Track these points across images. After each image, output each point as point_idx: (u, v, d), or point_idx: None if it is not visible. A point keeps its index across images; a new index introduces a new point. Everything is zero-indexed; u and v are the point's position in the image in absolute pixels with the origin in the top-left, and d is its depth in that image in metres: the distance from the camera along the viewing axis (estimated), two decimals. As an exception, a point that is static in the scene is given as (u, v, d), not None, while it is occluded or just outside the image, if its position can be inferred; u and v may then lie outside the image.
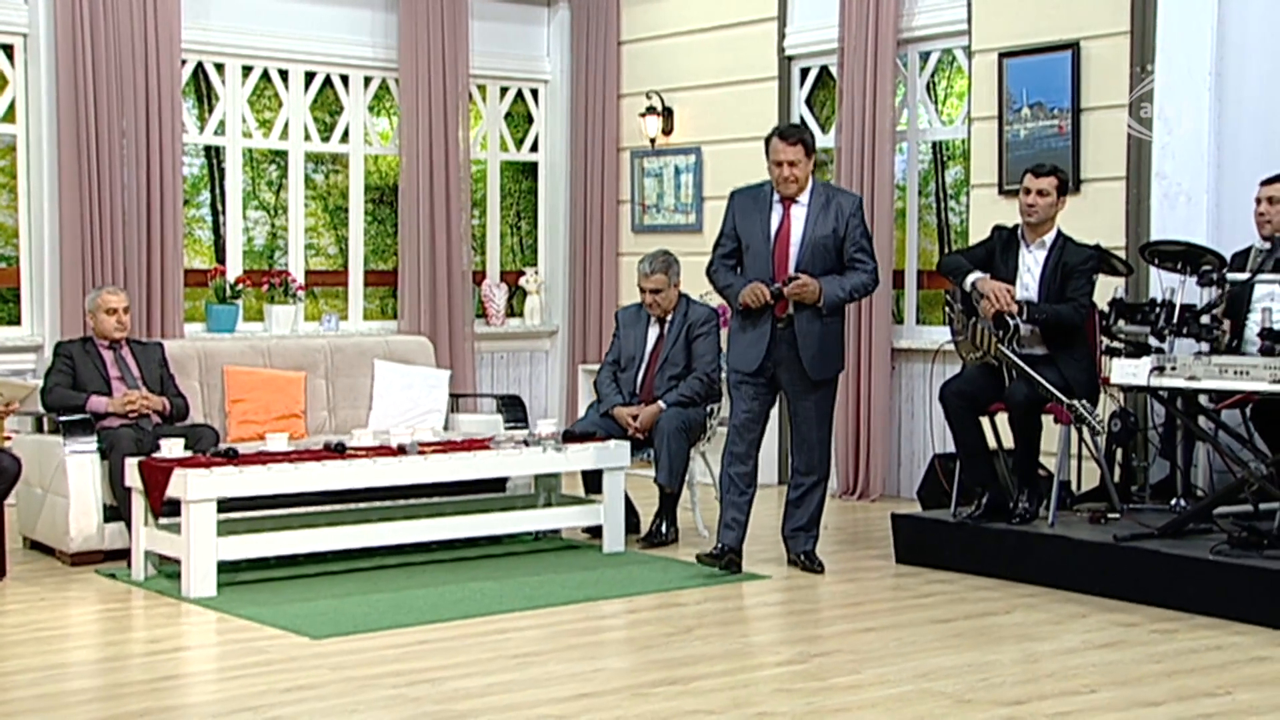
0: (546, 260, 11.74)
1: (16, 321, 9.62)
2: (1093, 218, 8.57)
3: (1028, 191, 7.36)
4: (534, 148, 11.69)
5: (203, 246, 12.49)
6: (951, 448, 7.68)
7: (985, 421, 7.53)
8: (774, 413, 9.91)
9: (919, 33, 9.58)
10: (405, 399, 8.96)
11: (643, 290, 8.27)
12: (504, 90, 11.49)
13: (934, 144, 11.33)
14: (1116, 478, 7.86)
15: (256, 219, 12.81)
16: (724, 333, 8.22)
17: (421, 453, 7.47)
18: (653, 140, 10.99)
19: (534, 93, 11.63)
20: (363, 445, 7.55)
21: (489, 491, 8.33)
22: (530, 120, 11.67)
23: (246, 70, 10.35)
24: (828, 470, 7.42)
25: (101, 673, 5.64)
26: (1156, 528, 6.98)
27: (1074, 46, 8.75)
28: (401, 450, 7.45)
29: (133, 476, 7.15)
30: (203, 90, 11.51)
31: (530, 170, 11.95)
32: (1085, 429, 7.13)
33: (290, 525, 7.39)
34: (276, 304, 10.33)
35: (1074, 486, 8.03)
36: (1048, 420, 7.45)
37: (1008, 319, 7.22)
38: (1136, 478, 8.02)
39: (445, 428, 9.06)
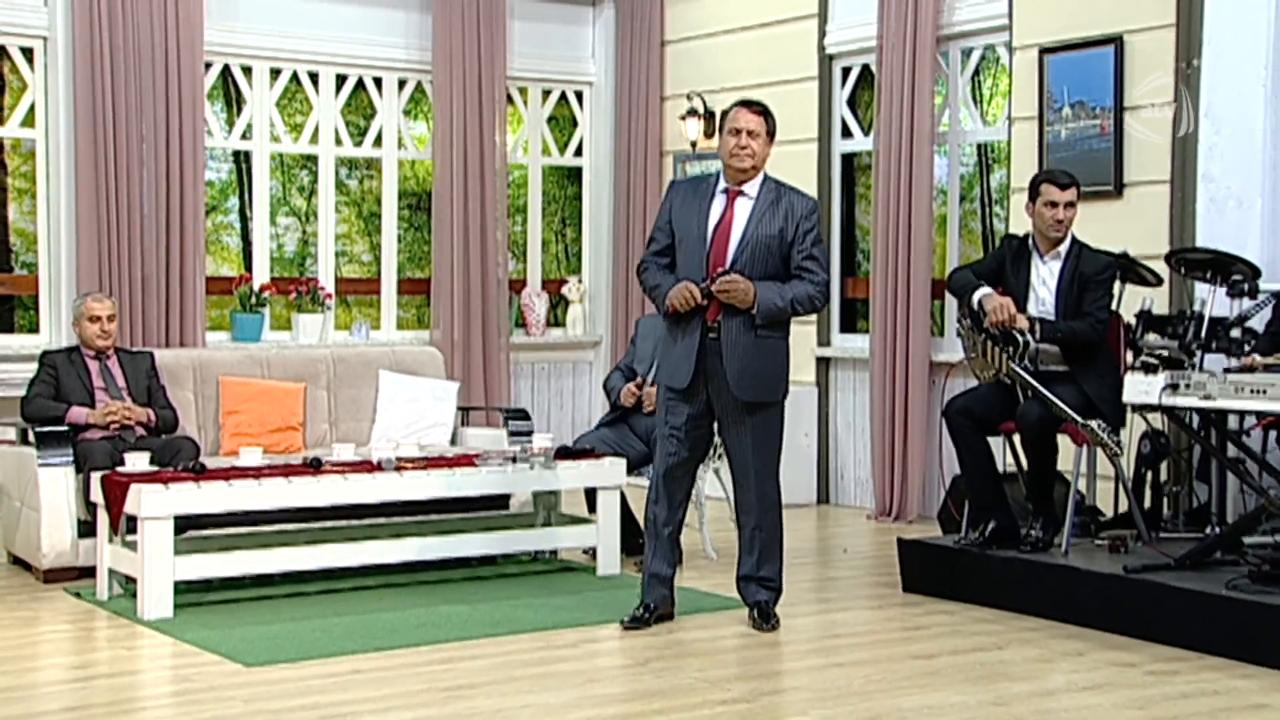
0: (591, 268, 11.45)
1: (35, 329, 9.50)
2: (1135, 223, 8.15)
3: (1053, 205, 6.93)
4: (578, 152, 11.43)
5: (231, 253, 12.40)
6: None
7: (1002, 443, 7.12)
8: (813, 422, 9.86)
9: (960, 28, 9.18)
10: (411, 411, 8.72)
11: None
12: (546, 93, 11.25)
13: (978, 146, 10.88)
14: (1147, 503, 7.37)
15: (287, 225, 12.69)
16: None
17: (399, 469, 7.19)
18: (694, 143, 10.66)
19: (578, 95, 11.37)
20: (341, 460, 7.30)
21: (489, 509, 8.04)
22: (575, 124, 11.41)
23: (275, 73, 10.20)
24: (776, 506, 6.40)
25: (11, 701, 5.40)
26: (1174, 558, 6.50)
27: (1117, 41, 8.30)
28: (377, 466, 7.17)
29: (97, 491, 6.94)
30: (231, 94, 11.42)
31: (575, 175, 11.70)
32: (1103, 451, 6.65)
33: (268, 543, 7.14)
34: (304, 312, 10.17)
35: (1108, 513, 7.57)
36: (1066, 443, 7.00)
37: (1017, 335, 6.81)
38: (1175, 503, 7.52)
39: (453, 441, 8.81)
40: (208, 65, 9.76)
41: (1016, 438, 7.12)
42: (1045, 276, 6.97)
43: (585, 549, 7.81)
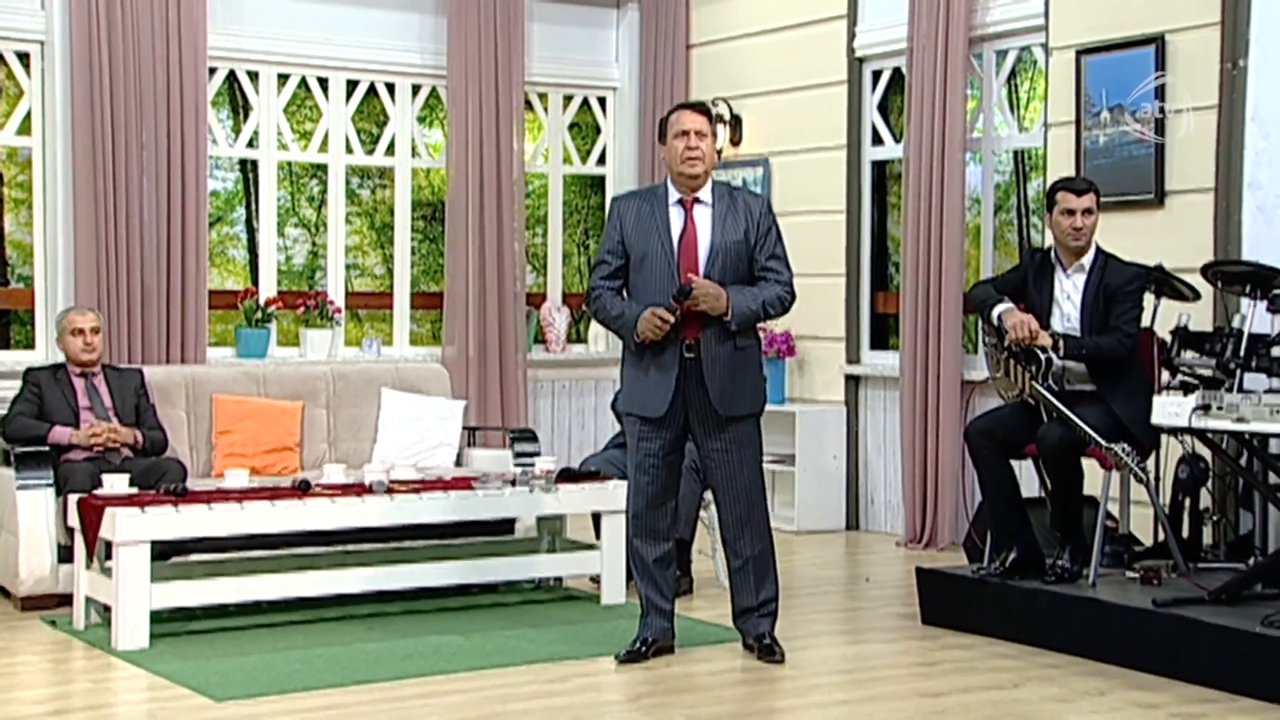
0: (615, 281, 11.29)
1: (31, 345, 9.46)
2: (1178, 235, 7.93)
3: (1070, 213, 6.78)
4: (601, 160, 11.30)
5: (236, 266, 12.33)
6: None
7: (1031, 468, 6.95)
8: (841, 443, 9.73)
9: (994, 29, 9.01)
10: (413, 431, 8.61)
11: None
12: (567, 98, 11.13)
13: (1015, 153, 10.70)
14: (1186, 532, 7.16)
15: (296, 237, 12.61)
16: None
17: (390, 492, 7.07)
18: (719, 151, 10.50)
19: (601, 101, 11.25)
20: (331, 483, 7.21)
21: (493, 534, 7.92)
22: (597, 131, 11.29)
23: (283, 78, 10.12)
24: (765, 521, 6.28)
25: (-37, 735, 5.31)
26: (1209, 591, 6.30)
27: (1158, 41, 8.09)
28: (368, 489, 7.05)
29: (74, 515, 6.85)
30: (237, 100, 11.37)
31: (598, 184, 11.57)
32: (1131, 476, 6.46)
33: (254, 570, 7.03)
34: (312, 328, 10.07)
35: (1147, 542, 7.37)
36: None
37: (1038, 352, 6.65)
38: (1216, 533, 7.30)
39: (458, 463, 8.70)
40: (212, 70, 9.69)
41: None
42: (1069, 290, 6.83)
43: (592, 576, 7.66)
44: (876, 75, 9.81)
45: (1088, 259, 6.82)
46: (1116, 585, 6.66)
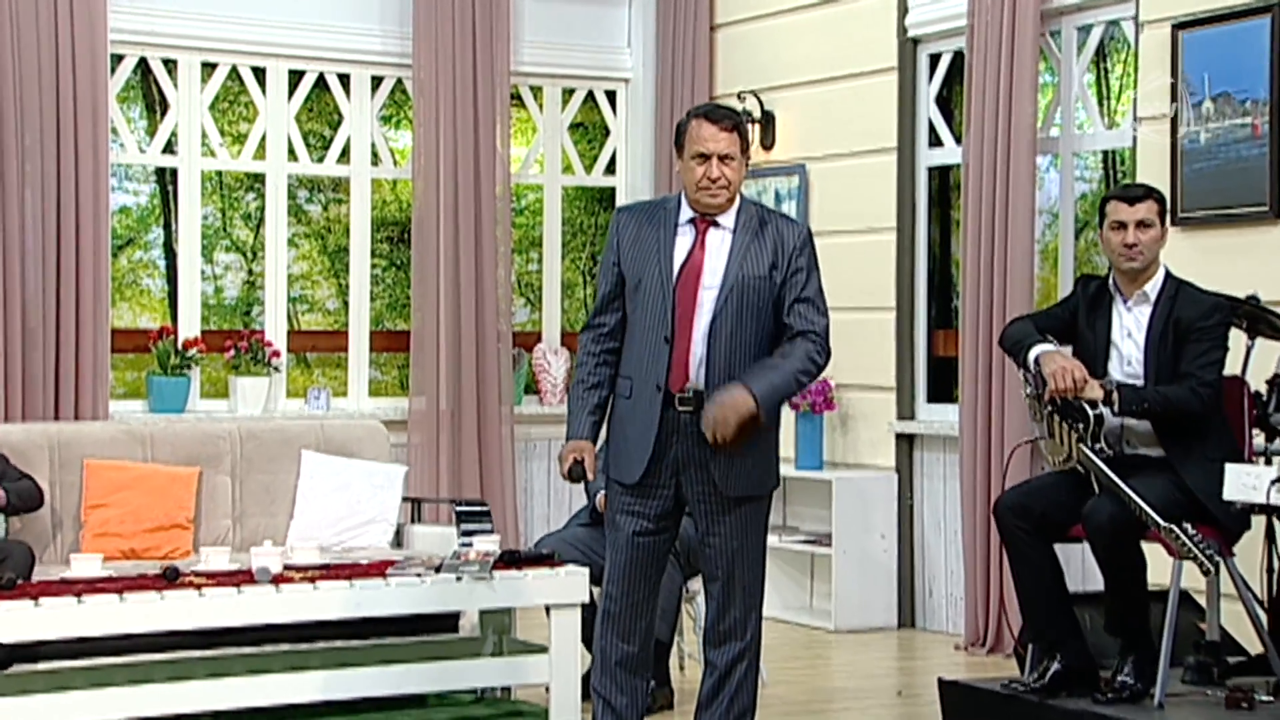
0: (627, 317, 11.15)
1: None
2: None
3: (1120, 226, 6.58)
4: (610, 168, 11.18)
5: (152, 300, 12.29)
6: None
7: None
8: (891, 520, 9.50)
9: (1074, 0, 8.79)
10: (340, 504, 8.44)
11: None
12: (567, 93, 11.06)
13: (1103, 155, 10.44)
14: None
15: (227, 263, 12.58)
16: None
17: (277, 582, 6.85)
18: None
19: (610, 96, 11.15)
20: (210, 570, 7.04)
21: (433, 631, 7.67)
22: (605, 132, 11.21)
23: (208, 68, 10.07)
24: (758, 636, 6.08)
25: None
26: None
27: (1273, 9, 7.82)
28: (248, 578, 6.84)
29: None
30: (151, 95, 11.38)
31: (607, 198, 11.50)
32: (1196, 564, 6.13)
33: (109, 681, 6.81)
34: (244, 374, 9.96)
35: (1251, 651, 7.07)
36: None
37: (1086, 407, 6.42)
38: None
39: (398, 543, 8.54)
40: (118, 58, 9.63)
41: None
42: (1130, 327, 6.62)
43: (548, 685, 7.41)
44: (934, 60, 9.67)
45: (1153, 287, 6.61)
46: (1193, 708, 6.39)
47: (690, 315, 5.85)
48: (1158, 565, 6.58)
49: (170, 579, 6.82)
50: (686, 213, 5.97)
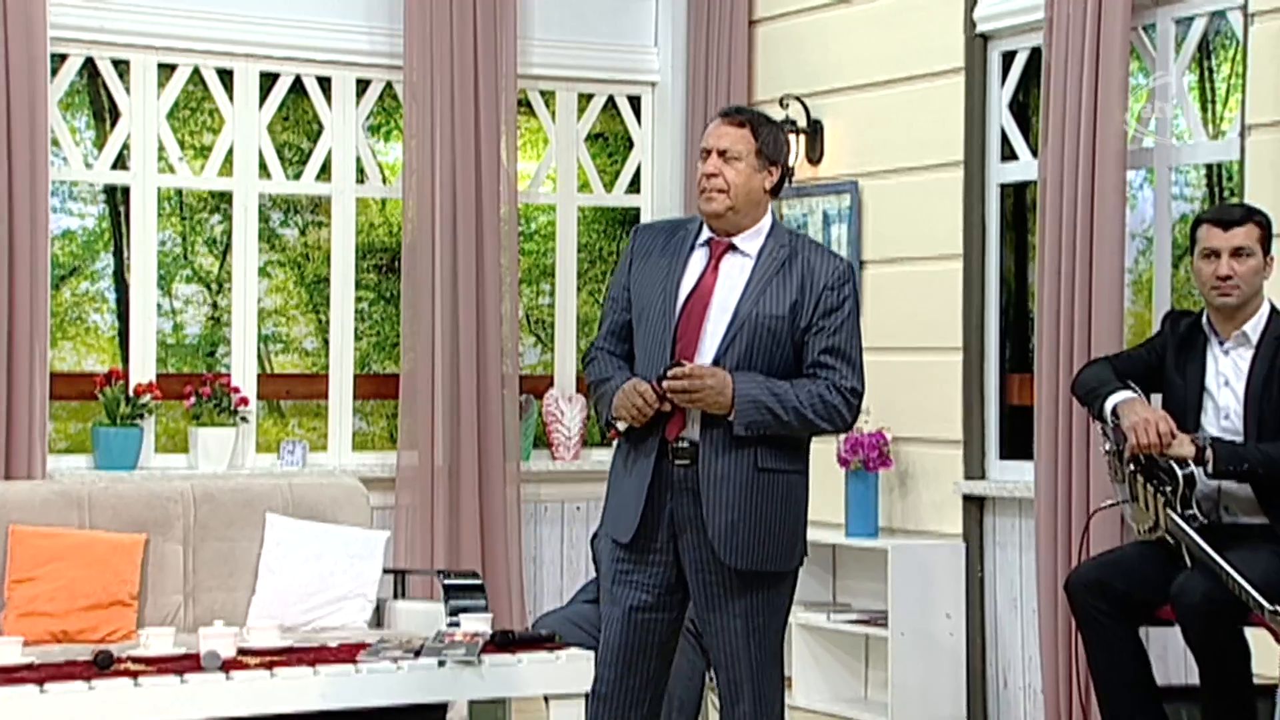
0: (653, 359, 11.14)
1: None
2: None
3: (1212, 255, 6.71)
4: (634, 185, 11.20)
5: (100, 339, 12.36)
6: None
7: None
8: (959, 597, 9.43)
9: (1169, -11, 8.84)
10: (311, 576, 8.48)
11: None
12: (584, 99, 11.08)
13: (1206, 169, 10.36)
14: None
15: (189, 296, 12.67)
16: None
17: (227, 669, 6.87)
18: (790, 172, 10.21)
19: (633, 102, 11.19)
20: (151, 655, 7.08)
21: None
22: (629, 144, 11.25)
23: (166, 70, 10.05)
24: None
25: None
26: None
27: None
28: (194, 665, 6.89)
29: None
30: (100, 101, 11.44)
31: (630, 220, 11.57)
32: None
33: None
34: (206, 425, 9.95)
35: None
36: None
37: (1174, 467, 6.44)
38: None
39: (378, 622, 8.60)
40: (60, 58, 9.64)
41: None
42: (1227, 373, 6.72)
43: (550, 794, 7.47)
44: (1007, 59, 9.64)
45: (1254, 326, 6.70)
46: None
47: (691, 353, 5.83)
48: (1262, 654, 6.58)
49: (102, 666, 6.91)
50: (705, 233, 5.97)
